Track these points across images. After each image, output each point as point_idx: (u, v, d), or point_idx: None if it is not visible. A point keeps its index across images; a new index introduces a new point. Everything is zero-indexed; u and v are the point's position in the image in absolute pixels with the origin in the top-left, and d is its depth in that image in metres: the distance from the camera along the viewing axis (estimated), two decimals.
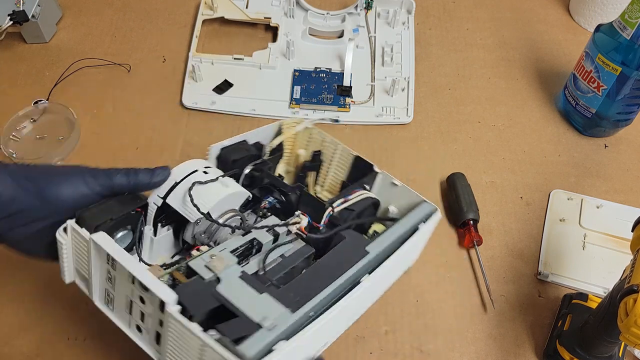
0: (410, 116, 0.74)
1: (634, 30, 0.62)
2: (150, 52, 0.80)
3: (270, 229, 0.49)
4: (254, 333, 0.38)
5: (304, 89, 0.76)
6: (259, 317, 0.40)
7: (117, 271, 0.43)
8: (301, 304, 0.41)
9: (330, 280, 0.43)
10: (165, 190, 0.48)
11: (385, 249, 0.47)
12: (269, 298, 0.41)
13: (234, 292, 0.42)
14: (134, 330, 0.44)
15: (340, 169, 0.59)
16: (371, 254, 0.46)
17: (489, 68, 0.81)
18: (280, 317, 0.40)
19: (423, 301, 0.59)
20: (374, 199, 0.55)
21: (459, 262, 0.63)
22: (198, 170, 0.50)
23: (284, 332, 0.39)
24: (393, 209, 0.55)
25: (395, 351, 0.56)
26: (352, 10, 0.83)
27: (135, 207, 0.47)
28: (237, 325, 0.39)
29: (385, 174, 0.56)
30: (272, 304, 0.41)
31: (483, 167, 0.70)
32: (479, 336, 0.58)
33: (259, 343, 0.38)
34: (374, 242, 0.47)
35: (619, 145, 0.74)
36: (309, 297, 0.42)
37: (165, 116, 0.73)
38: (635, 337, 0.40)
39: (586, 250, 0.63)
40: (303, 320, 0.40)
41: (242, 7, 0.83)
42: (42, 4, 0.77)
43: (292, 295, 0.42)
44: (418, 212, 0.52)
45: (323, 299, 0.42)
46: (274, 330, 0.39)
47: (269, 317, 0.39)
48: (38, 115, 0.72)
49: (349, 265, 0.45)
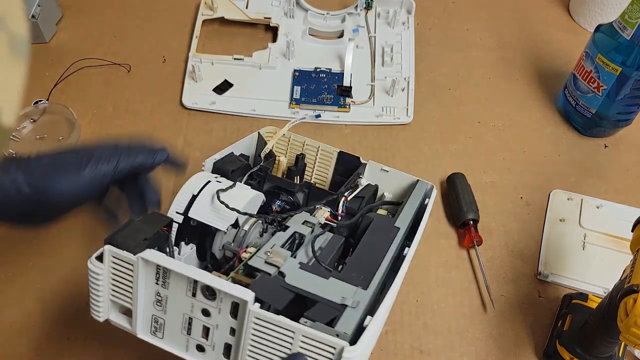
0: (410, 116, 0.74)
1: (634, 30, 0.62)
2: (150, 52, 0.80)
3: (305, 222, 0.50)
4: (342, 314, 0.39)
5: (304, 89, 0.76)
6: (338, 298, 0.40)
7: (171, 289, 0.40)
8: (369, 280, 0.43)
9: (381, 256, 0.46)
10: (183, 206, 0.47)
11: (408, 225, 0.51)
12: (337, 281, 0.42)
13: (304, 282, 0.42)
14: (194, 352, 0.41)
15: (326, 167, 0.60)
16: (402, 229, 0.50)
17: (489, 68, 0.81)
18: (357, 295, 0.41)
19: (423, 301, 0.59)
20: (375, 186, 0.57)
21: (459, 262, 0.63)
22: (211, 181, 0.50)
23: (366, 308, 0.41)
24: (388, 194, 0.58)
25: (395, 351, 0.56)
26: (352, 10, 0.83)
27: (161, 225, 0.44)
28: (322, 310, 0.39)
29: (374, 163, 0.57)
30: (344, 286, 0.42)
31: (483, 167, 0.70)
32: (479, 336, 0.58)
33: (352, 321, 0.39)
34: (398, 219, 0.51)
35: (619, 145, 0.74)
36: (373, 273, 0.44)
37: (165, 116, 0.73)
38: (635, 337, 0.40)
39: (586, 250, 0.63)
40: (375, 295, 0.43)
41: (242, 7, 0.83)
42: (42, 4, 0.77)
43: (355, 275, 0.44)
44: (418, 190, 0.55)
45: (382, 275, 0.45)
46: (359, 308, 0.40)
47: (348, 297, 0.40)
48: (38, 115, 0.72)
49: (389, 242, 0.48)
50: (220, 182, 0.50)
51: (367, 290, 0.42)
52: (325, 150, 0.59)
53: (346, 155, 0.59)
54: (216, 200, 0.48)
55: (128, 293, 0.40)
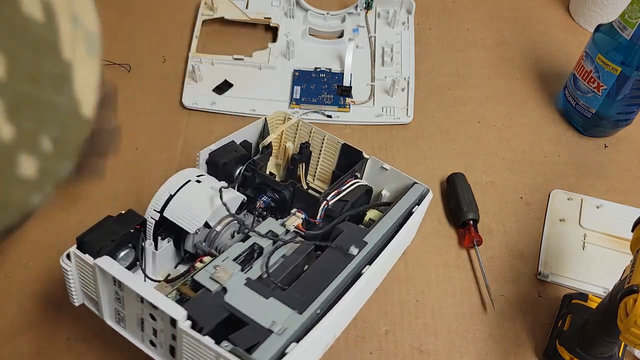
0: (410, 116, 0.74)
1: (634, 30, 0.62)
2: (150, 52, 0.80)
3: (269, 231, 0.49)
4: (265, 339, 0.39)
5: (304, 89, 0.76)
6: (268, 322, 0.41)
7: (125, 292, 0.43)
8: (308, 303, 0.42)
9: (333, 276, 0.44)
10: (161, 204, 0.49)
11: (382, 237, 0.49)
12: (275, 302, 0.43)
13: (242, 301, 0.43)
14: (148, 345, 0.44)
15: (329, 158, 0.60)
16: (369, 244, 0.47)
17: (489, 68, 0.81)
18: (289, 320, 0.41)
19: (423, 301, 0.59)
20: (366, 186, 0.56)
21: (459, 262, 0.63)
22: (191, 180, 0.51)
23: (294, 334, 0.40)
24: (386, 192, 0.57)
25: (395, 351, 0.56)
26: (352, 10, 0.83)
27: (133, 225, 0.48)
28: (248, 333, 0.40)
29: (375, 159, 0.57)
30: (280, 308, 0.42)
31: (483, 167, 0.70)
32: (479, 336, 0.58)
33: (272, 349, 0.39)
34: (370, 232, 0.48)
35: (619, 145, 0.73)
36: (315, 296, 0.42)
37: (165, 116, 0.73)
38: (635, 337, 0.40)
39: (586, 250, 0.63)
40: (312, 320, 0.41)
41: (242, 8, 0.83)
42: None
43: (298, 295, 0.43)
44: (411, 194, 0.54)
45: (329, 295, 0.43)
46: (285, 334, 0.40)
47: (278, 322, 0.41)
48: None
49: (349, 259, 0.46)
50: (199, 182, 0.51)
51: (302, 315, 0.41)
52: (331, 140, 0.59)
53: (349, 149, 0.58)
54: (191, 201, 0.49)
55: (92, 288, 0.45)
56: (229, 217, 0.51)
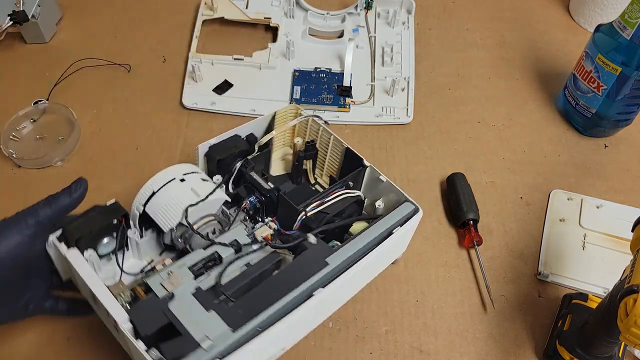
0: (410, 116, 0.74)
1: (634, 30, 0.62)
2: (150, 52, 0.80)
3: (233, 241, 0.50)
4: (191, 353, 0.40)
5: (304, 89, 0.76)
6: (200, 336, 0.42)
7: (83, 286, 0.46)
8: (245, 321, 0.42)
9: (282, 295, 0.44)
10: (143, 200, 0.51)
11: (349, 259, 0.48)
12: (215, 316, 0.43)
13: (183, 310, 0.44)
14: (114, 331, 0.46)
15: (335, 158, 0.60)
16: (331, 266, 0.47)
17: (489, 68, 0.81)
18: (220, 337, 0.41)
19: (423, 301, 0.59)
20: (355, 198, 0.55)
21: (459, 262, 0.63)
22: (175, 179, 0.52)
23: (222, 351, 0.41)
24: (380, 204, 0.56)
25: (395, 351, 0.56)
26: (352, 10, 0.83)
27: (116, 217, 0.49)
28: (178, 344, 0.41)
29: (373, 169, 0.56)
30: (216, 323, 0.43)
31: (483, 167, 0.70)
32: (479, 336, 0.58)
33: None
34: (336, 252, 0.48)
35: (619, 145, 0.74)
36: (254, 314, 0.43)
37: (165, 116, 0.73)
38: (635, 337, 0.40)
39: (586, 250, 0.63)
40: (247, 337, 0.42)
41: (242, 8, 0.83)
42: (42, 4, 0.77)
43: (240, 311, 0.43)
44: (397, 213, 0.52)
45: (271, 315, 0.43)
46: (211, 351, 0.41)
47: (209, 337, 0.41)
48: (38, 115, 0.72)
49: (304, 278, 0.45)
50: (183, 181, 0.52)
51: (235, 333, 0.42)
52: (336, 142, 0.59)
53: (351, 154, 0.58)
54: (168, 202, 0.50)
55: (69, 271, 0.49)
56: (208, 217, 0.52)
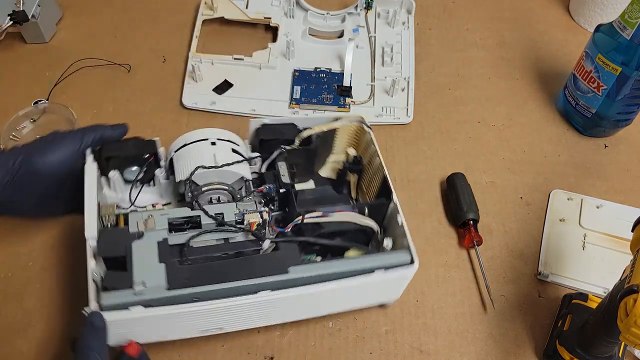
0: (410, 116, 0.74)
1: (634, 30, 0.62)
2: (150, 52, 0.80)
3: (219, 214, 0.52)
4: (122, 290, 0.45)
5: (304, 89, 0.76)
6: (139, 279, 0.45)
7: None
8: (183, 286, 0.45)
9: (230, 279, 0.46)
10: (177, 146, 0.56)
11: (314, 277, 0.48)
12: (161, 269, 0.46)
13: (141, 252, 0.48)
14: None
15: (375, 182, 0.58)
16: (289, 275, 0.47)
17: (489, 68, 0.81)
18: (154, 289, 0.45)
19: (423, 301, 0.59)
20: (363, 226, 0.53)
21: (459, 262, 0.63)
22: (208, 140, 0.55)
23: (147, 300, 0.44)
24: (388, 243, 0.53)
25: (395, 351, 0.56)
26: (352, 10, 0.83)
27: (148, 152, 0.55)
28: (118, 277, 0.46)
29: (395, 207, 0.53)
30: (159, 275, 0.46)
31: (483, 167, 0.70)
32: (479, 336, 0.58)
33: (118, 299, 0.44)
34: (302, 266, 0.48)
35: (619, 145, 0.74)
36: (194, 284, 0.46)
37: (165, 116, 0.73)
38: (635, 337, 0.40)
39: (586, 250, 0.63)
40: (177, 300, 0.45)
41: (242, 7, 0.83)
42: (42, 4, 0.77)
43: (185, 275, 0.46)
44: (392, 256, 0.50)
45: (210, 292, 0.46)
46: (139, 296, 0.44)
47: (145, 284, 0.45)
48: (38, 115, 0.72)
49: (258, 275, 0.47)
50: (214, 145, 0.55)
51: (168, 291, 0.45)
52: (380, 168, 0.56)
53: (386, 184, 0.55)
54: (191, 158, 0.54)
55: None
56: (218, 184, 0.54)
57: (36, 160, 0.52)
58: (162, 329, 0.48)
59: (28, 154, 0.52)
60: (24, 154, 0.52)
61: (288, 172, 0.57)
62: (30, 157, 0.52)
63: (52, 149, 0.53)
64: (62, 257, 0.60)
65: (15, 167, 0.51)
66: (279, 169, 0.57)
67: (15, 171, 0.51)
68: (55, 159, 0.52)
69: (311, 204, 0.55)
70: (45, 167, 0.52)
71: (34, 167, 0.52)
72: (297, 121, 0.59)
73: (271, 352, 0.55)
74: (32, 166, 0.51)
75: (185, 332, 0.50)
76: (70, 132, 0.54)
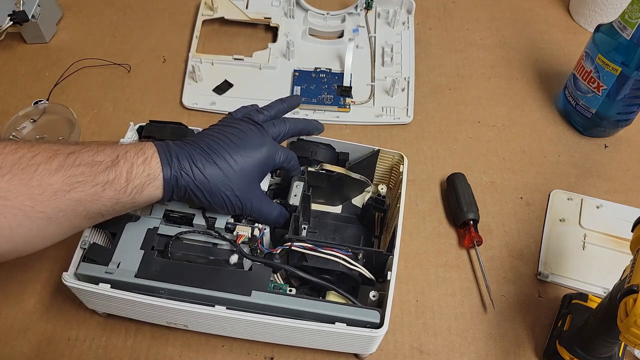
0: (410, 116, 0.74)
1: (634, 30, 0.62)
2: (150, 52, 0.80)
3: (212, 219, 0.52)
4: (97, 265, 0.49)
5: (304, 89, 0.76)
6: (116, 260, 0.50)
7: None
8: (150, 277, 0.48)
9: (195, 284, 0.48)
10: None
11: (274, 307, 0.48)
12: (138, 255, 0.50)
13: (129, 234, 0.51)
14: None
15: (391, 224, 0.56)
16: (252, 298, 0.48)
17: (489, 68, 0.81)
18: (123, 272, 0.49)
19: (423, 301, 0.59)
20: (350, 271, 0.50)
21: (459, 262, 0.63)
22: None
23: (114, 282, 0.48)
24: (375, 294, 0.51)
25: (395, 351, 0.56)
26: (352, 10, 0.83)
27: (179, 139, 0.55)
28: (101, 251, 0.51)
29: (393, 262, 0.51)
30: (133, 261, 0.50)
31: (483, 167, 0.70)
32: (479, 336, 0.58)
33: (91, 272, 0.49)
34: (267, 294, 0.48)
35: (619, 145, 0.74)
36: (160, 279, 0.48)
37: (165, 116, 0.73)
38: (635, 337, 0.40)
39: (586, 250, 0.63)
40: (141, 289, 0.48)
41: (242, 8, 0.83)
42: (42, 4, 0.77)
43: (157, 268, 0.49)
44: (362, 312, 0.48)
45: (172, 290, 0.48)
46: (108, 275, 0.49)
47: (121, 267, 0.49)
48: (38, 115, 0.72)
49: (221, 288, 0.48)
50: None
51: (134, 279, 0.48)
52: (396, 214, 0.55)
53: (395, 234, 0.53)
54: None
55: None
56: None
57: None
58: (129, 309, 0.51)
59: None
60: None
61: (301, 194, 0.54)
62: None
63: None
64: (62, 257, 0.60)
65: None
66: (292, 187, 0.54)
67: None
68: (265, 154, 0.51)
69: (321, 234, 0.56)
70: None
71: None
72: (334, 143, 0.60)
73: (271, 353, 0.55)
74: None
75: (152, 318, 0.52)
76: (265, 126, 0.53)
